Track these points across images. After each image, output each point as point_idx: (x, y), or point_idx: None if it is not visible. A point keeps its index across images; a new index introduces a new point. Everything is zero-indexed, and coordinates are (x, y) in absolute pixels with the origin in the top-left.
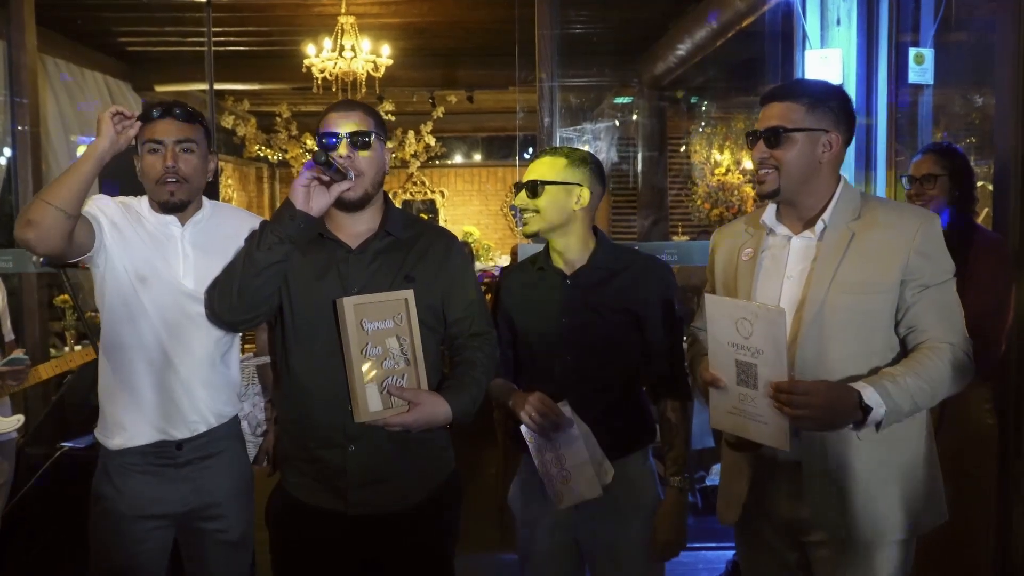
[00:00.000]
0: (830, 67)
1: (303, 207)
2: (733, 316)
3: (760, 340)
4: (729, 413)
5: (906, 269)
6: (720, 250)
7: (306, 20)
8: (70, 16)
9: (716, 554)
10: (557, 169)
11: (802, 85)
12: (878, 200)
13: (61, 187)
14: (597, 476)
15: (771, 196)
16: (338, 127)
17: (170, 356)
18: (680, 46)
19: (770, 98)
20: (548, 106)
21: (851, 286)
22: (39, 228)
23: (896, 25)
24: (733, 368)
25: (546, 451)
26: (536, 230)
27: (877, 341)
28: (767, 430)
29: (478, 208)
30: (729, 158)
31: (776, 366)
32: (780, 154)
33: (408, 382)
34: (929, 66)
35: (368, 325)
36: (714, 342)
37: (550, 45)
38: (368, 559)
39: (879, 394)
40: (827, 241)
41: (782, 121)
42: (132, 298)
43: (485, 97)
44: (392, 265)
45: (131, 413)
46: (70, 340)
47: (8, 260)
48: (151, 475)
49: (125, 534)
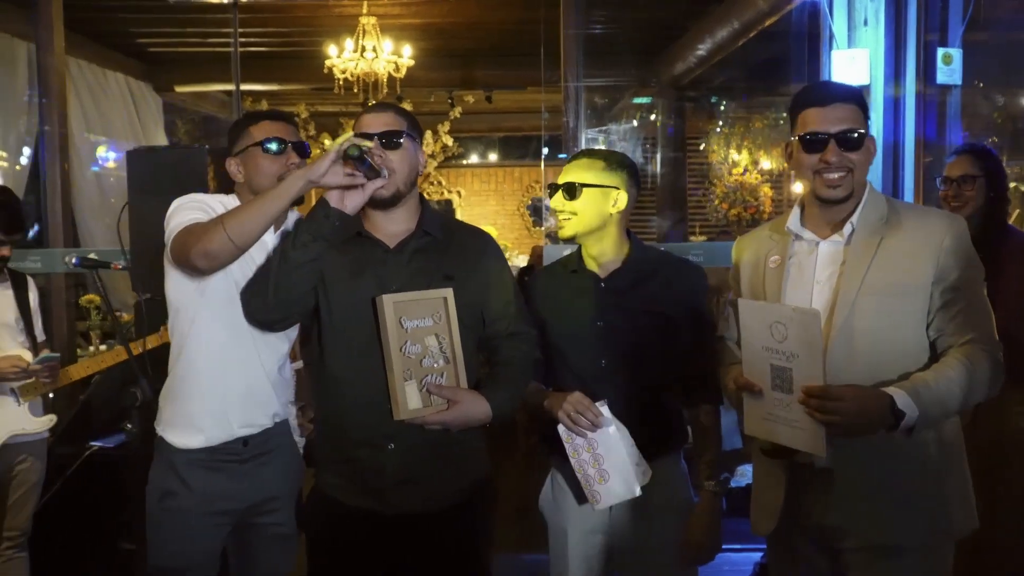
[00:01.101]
0: (857, 67)
1: (337, 205)
2: (767, 320)
3: (795, 344)
4: (764, 419)
5: (936, 272)
6: (745, 258)
7: (327, 21)
8: (93, 17)
9: (741, 556)
10: (595, 171)
11: (847, 88)
12: (903, 204)
13: (249, 226)
14: (635, 476)
15: (843, 201)
16: (371, 127)
17: (259, 356)
18: (700, 46)
19: (833, 97)
20: (573, 106)
21: (881, 289)
22: (215, 261)
23: (924, 25)
24: (768, 373)
25: (583, 451)
26: (573, 233)
27: (908, 344)
28: (803, 436)
29: (495, 208)
30: (747, 158)
31: (812, 370)
32: (855, 157)
33: (447, 381)
34: (957, 66)
35: (407, 323)
36: (748, 347)
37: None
38: (404, 559)
39: (912, 399)
40: (855, 245)
41: (855, 124)
42: (233, 304)
43: (502, 97)
44: (430, 264)
45: (214, 414)
46: (95, 340)
47: (37, 261)
48: (218, 471)
49: (194, 530)
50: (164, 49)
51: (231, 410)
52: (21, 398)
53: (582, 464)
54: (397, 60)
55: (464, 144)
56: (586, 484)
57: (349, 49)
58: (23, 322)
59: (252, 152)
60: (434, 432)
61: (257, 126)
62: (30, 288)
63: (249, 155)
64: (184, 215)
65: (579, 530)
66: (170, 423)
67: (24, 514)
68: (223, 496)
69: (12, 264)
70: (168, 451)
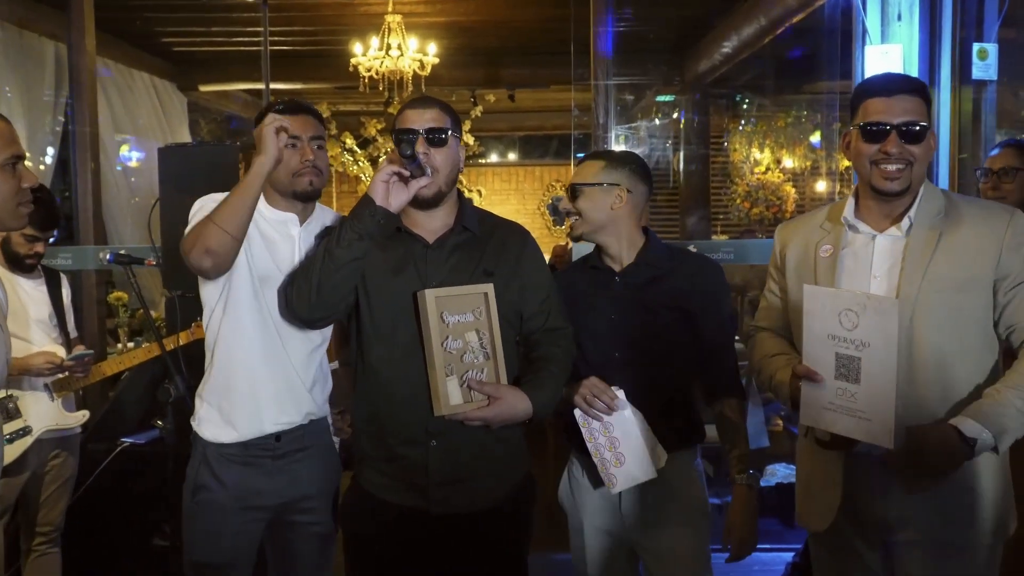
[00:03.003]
0: (891, 63)
1: (382, 203)
2: (836, 307)
3: (866, 332)
4: (824, 409)
5: (998, 266)
6: (792, 246)
7: (352, 19)
8: (121, 17)
9: (770, 555)
10: (594, 171)
11: (912, 80)
12: (961, 197)
13: (234, 213)
14: (651, 459)
15: (900, 194)
16: (415, 123)
17: (288, 353)
18: (727, 43)
19: (896, 89)
20: (604, 104)
21: (944, 283)
22: (218, 256)
23: (959, 20)
24: (832, 362)
25: (599, 435)
26: (580, 233)
27: (972, 339)
28: (870, 427)
29: (515, 207)
30: (769, 156)
31: (885, 360)
32: (917, 150)
33: (488, 377)
34: (993, 62)
35: (449, 318)
36: (810, 334)
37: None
38: (445, 558)
39: (979, 423)
40: (915, 238)
41: (918, 116)
42: (257, 298)
43: (523, 96)
44: (470, 260)
45: (246, 409)
46: (123, 337)
47: (68, 258)
48: (251, 466)
49: (226, 525)
50: (190, 48)
51: (262, 405)
52: (55, 394)
53: (598, 448)
54: (422, 58)
55: (485, 143)
56: (602, 467)
57: (374, 47)
58: (56, 318)
59: None
60: (476, 430)
61: None
62: (63, 285)
63: None
64: (200, 215)
65: (597, 524)
66: (204, 418)
67: (57, 510)
68: (256, 492)
69: (44, 261)
70: (202, 446)
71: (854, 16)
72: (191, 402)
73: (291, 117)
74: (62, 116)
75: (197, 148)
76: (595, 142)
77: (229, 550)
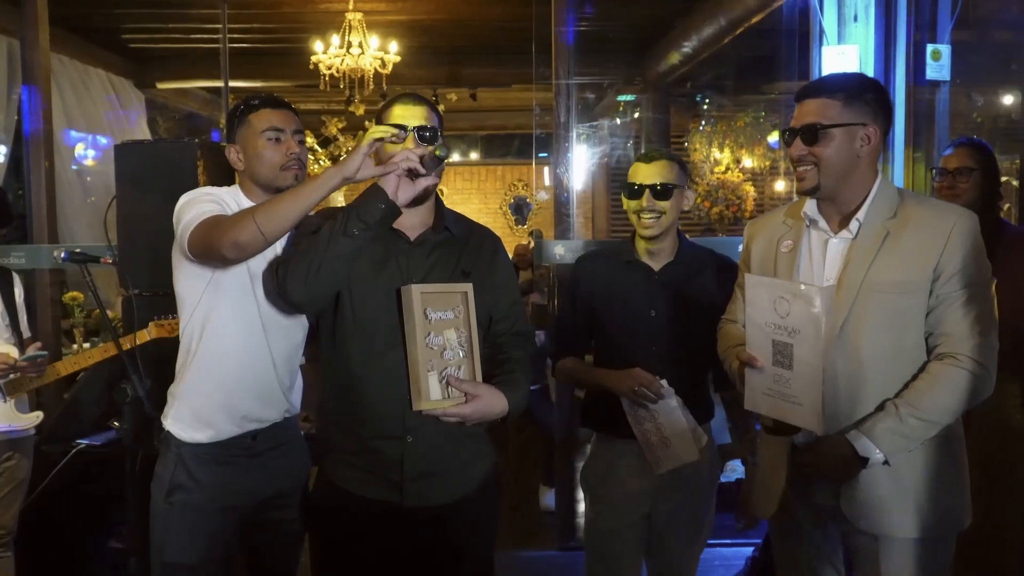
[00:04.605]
0: (847, 63)
1: (392, 196)
2: (772, 296)
3: (797, 319)
4: (765, 395)
5: (936, 268)
6: (757, 241)
7: (313, 17)
8: (76, 12)
9: (732, 550)
10: (675, 173)
11: (837, 80)
12: (916, 196)
13: (280, 218)
14: (693, 441)
15: (811, 193)
16: (407, 119)
17: (272, 351)
18: (686, 43)
19: (805, 94)
20: (565, 103)
21: (883, 285)
22: (243, 252)
23: (914, 21)
24: (770, 348)
25: (645, 422)
26: (659, 232)
27: (909, 339)
28: (801, 411)
29: (477, 207)
30: (729, 156)
31: (813, 346)
32: (818, 150)
33: (465, 374)
34: (946, 62)
35: (432, 314)
36: (751, 323)
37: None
38: (416, 551)
39: (872, 442)
40: (862, 238)
41: (819, 117)
42: (248, 294)
43: (486, 95)
44: (449, 259)
45: (226, 409)
46: (79, 337)
47: (21, 256)
48: (228, 465)
49: (202, 525)
50: (147, 45)
51: (244, 405)
52: (8, 395)
53: (645, 433)
54: (384, 56)
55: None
56: (649, 451)
57: (335, 45)
58: (9, 318)
59: (252, 140)
60: (449, 426)
61: (256, 114)
62: (15, 284)
63: (249, 143)
64: (198, 207)
65: (619, 503)
66: (179, 417)
67: (10, 512)
68: (233, 491)
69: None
70: (176, 445)
71: (811, 17)
72: (149, 403)
73: (274, 111)
74: (15, 113)
75: (155, 145)
76: (556, 141)
77: (204, 550)
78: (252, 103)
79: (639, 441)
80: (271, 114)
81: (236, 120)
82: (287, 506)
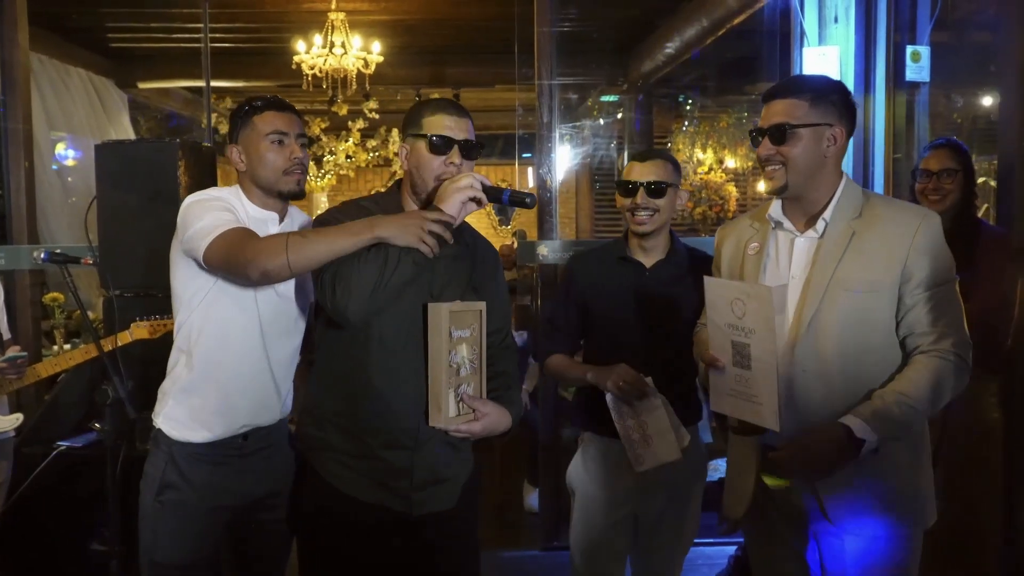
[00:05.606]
0: (828, 64)
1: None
2: (728, 297)
3: (752, 320)
4: (728, 395)
5: (904, 269)
6: (726, 245)
7: (295, 16)
8: (56, 11)
9: (715, 549)
10: (669, 172)
11: (804, 81)
12: (880, 197)
13: (311, 259)
14: (676, 441)
15: (779, 192)
16: (455, 132)
17: (268, 354)
18: (669, 44)
19: (773, 95)
20: (548, 103)
21: (849, 284)
22: (270, 280)
23: (893, 23)
24: (730, 349)
25: (628, 418)
26: (652, 229)
27: (876, 339)
28: (761, 411)
29: None
30: (712, 157)
31: (767, 345)
32: (786, 150)
33: (472, 391)
34: (926, 64)
35: (454, 332)
36: (712, 325)
37: (549, 43)
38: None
39: (869, 426)
40: (828, 238)
41: (787, 117)
42: (250, 301)
43: (469, 95)
44: (462, 274)
45: (222, 411)
46: (59, 339)
47: (0, 257)
48: (221, 465)
49: (193, 524)
50: (128, 44)
51: (240, 406)
52: None
53: (627, 430)
54: (366, 56)
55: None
56: (630, 448)
57: (318, 45)
58: None
59: (255, 142)
60: (450, 437)
61: (261, 116)
62: None
63: (252, 145)
64: (214, 216)
65: (606, 501)
66: (172, 417)
67: None
68: (224, 491)
69: None
70: (167, 444)
71: (792, 18)
72: (131, 404)
73: (278, 114)
74: None
75: (136, 145)
76: (539, 141)
77: (194, 550)
78: (256, 104)
79: (621, 438)
80: (275, 117)
81: (239, 121)
82: (276, 506)
